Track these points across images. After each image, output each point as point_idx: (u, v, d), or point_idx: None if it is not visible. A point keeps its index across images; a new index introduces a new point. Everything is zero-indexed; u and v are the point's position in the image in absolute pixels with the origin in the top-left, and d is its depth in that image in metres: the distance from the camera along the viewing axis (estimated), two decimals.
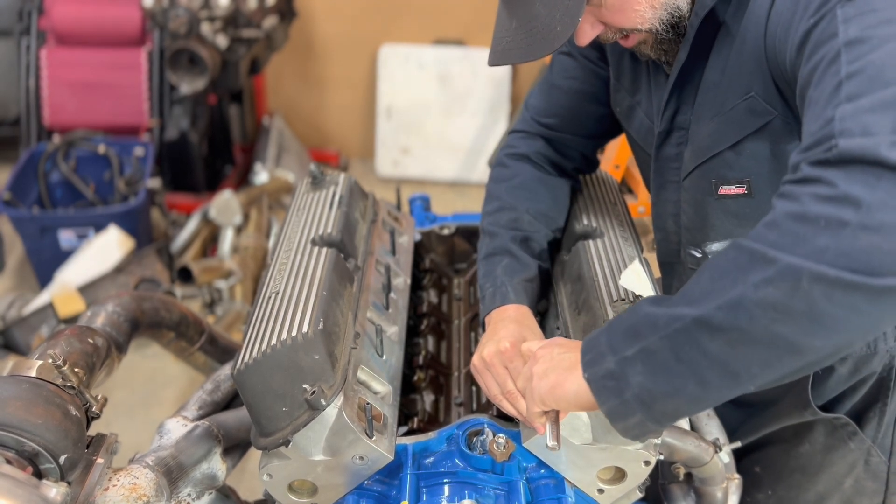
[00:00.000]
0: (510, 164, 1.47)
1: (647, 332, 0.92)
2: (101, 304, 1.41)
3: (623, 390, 0.94)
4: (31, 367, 1.12)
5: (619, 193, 1.56)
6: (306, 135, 4.77)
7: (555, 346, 1.09)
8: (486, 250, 1.39)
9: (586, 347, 1.00)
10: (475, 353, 1.23)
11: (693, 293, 0.90)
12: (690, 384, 0.90)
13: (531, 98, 1.51)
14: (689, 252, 1.32)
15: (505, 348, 1.18)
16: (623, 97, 1.37)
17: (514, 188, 1.43)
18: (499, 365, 1.18)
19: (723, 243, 1.26)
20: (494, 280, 1.32)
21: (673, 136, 1.26)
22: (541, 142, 1.47)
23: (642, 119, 1.33)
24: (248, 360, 1.10)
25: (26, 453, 1.04)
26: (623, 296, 1.20)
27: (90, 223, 3.29)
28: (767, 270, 0.83)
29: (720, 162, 1.19)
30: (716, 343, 0.86)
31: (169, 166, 3.88)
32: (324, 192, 1.49)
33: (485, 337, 1.26)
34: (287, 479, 1.15)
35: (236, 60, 3.70)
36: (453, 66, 4.45)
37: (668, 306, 0.91)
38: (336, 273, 1.26)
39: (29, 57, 3.88)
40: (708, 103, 1.19)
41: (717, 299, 0.86)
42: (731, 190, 1.20)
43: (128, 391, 2.98)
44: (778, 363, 0.86)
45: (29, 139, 3.90)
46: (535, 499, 1.16)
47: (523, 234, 1.37)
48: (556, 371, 1.03)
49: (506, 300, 1.29)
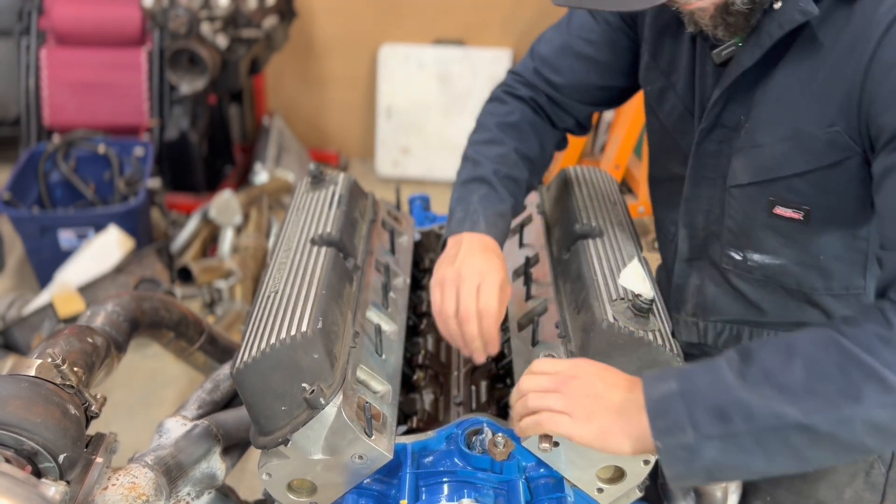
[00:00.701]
0: (508, 101, 1.42)
1: (737, 420, 0.92)
2: (101, 304, 1.42)
3: (693, 461, 0.94)
4: (30, 366, 1.12)
5: (619, 193, 1.56)
6: (306, 135, 4.77)
7: (592, 373, 1.02)
8: (466, 176, 1.34)
9: (658, 411, 0.96)
10: (437, 269, 1.22)
11: (789, 386, 0.90)
12: (759, 462, 0.93)
13: (541, 45, 1.42)
14: (728, 253, 1.28)
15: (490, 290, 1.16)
16: (656, 76, 1.30)
17: (507, 126, 1.38)
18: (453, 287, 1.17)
19: (765, 256, 1.24)
20: (468, 206, 1.28)
21: (716, 133, 1.21)
22: (542, 97, 1.41)
23: (675, 104, 1.28)
24: (247, 360, 1.10)
25: (25, 452, 1.04)
26: (622, 295, 1.20)
27: (90, 223, 3.29)
28: (885, 396, 0.87)
29: (783, 185, 1.15)
30: (803, 441, 0.90)
31: (169, 166, 3.88)
32: (323, 191, 1.49)
33: (446, 256, 1.23)
34: (286, 478, 1.15)
35: (236, 60, 3.70)
36: (453, 66, 4.45)
37: (764, 397, 0.91)
38: (335, 272, 1.26)
39: (29, 57, 3.88)
40: (775, 119, 1.12)
41: (825, 410, 0.89)
42: (788, 213, 1.16)
43: (128, 391, 2.98)
44: (846, 459, 0.95)
45: (29, 139, 3.90)
46: (534, 498, 1.16)
47: (507, 170, 1.33)
48: (606, 415, 0.99)
49: (475, 227, 1.25)
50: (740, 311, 1.33)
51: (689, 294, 1.38)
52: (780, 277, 1.26)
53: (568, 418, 1.01)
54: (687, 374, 0.98)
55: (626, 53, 1.36)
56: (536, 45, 1.43)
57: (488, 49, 4.40)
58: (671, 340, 1.16)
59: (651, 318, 1.17)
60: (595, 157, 4.47)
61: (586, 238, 1.37)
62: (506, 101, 1.42)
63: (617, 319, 1.14)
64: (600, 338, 1.12)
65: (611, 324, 1.13)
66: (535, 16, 4.25)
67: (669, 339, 1.16)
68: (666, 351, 1.13)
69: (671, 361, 1.13)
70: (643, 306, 1.15)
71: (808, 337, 0.95)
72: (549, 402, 1.03)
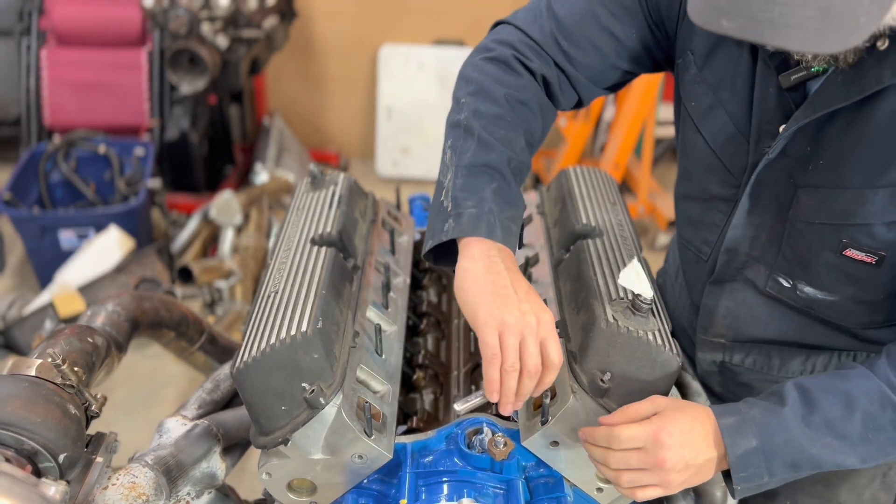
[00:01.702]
0: (520, 72, 1.23)
1: (806, 468, 1.07)
2: (102, 304, 1.42)
3: (760, 489, 1.09)
4: (30, 366, 1.12)
5: (619, 193, 1.56)
6: (306, 135, 4.77)
7: (679, 444, 1.05)
8: (474, 158, 1.14)
9: (741, 466, 1.06)
10: (480, 294, 1.05)
11: (850, 437, 1.05)
12: (810, 471, 1.09)
13: (559, 6, 1.24)
14: (776, 278, 1.22)
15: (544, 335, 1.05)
16: (703, 91, 1.20)
17: (518, 102, 1.20)
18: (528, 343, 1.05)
19: (819, 292, 1.19)
20: (481, 202, 1.10)
21: (778, 162, 1.13)
22: (552, 70, 1.24)
23: (725, 123, 1.18)
24: (247, 359, 1.10)
25: (25, 452, 1.04)
26: (622, 295, 1.20)
27: (90, 223, 3.29)
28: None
29: (863, 230, 1.09)
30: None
31: (169, 166, 3.88)
32: (323, 191, 1.49)
33: (482, 278, 1.05)
34: (286, 478, 1.15)
35: (236, 60, 3.70)
36: (453, 66, 4.43)
37: (828, 448, 1.05)
38: (335, 272, 1.26)
39: (29, 57, 3.88)
40: (867, 162, 1.05)
41: (878, 457, 1.07)
42: (859, 256, 1.11)
43: (128, 391, 2.98)
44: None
45: (29, 139, 3.91)
46: (534, 497, 1.16)
47: (518, 160, 1.17)
48: (696, 477, 1.08)
49: (493, 233, 1.09)
50: (773, 335, 1.30)
51: (719, 316, 1.33)
52: (827, 311, 1.22)
53: (661, 490, 1.09)
54: (763, 428, 1.06)
55: (647, 41, 1.24)
56: (554, 2, 1.25)
57: None
58: (671, 340, 1.16)
59: (651, 318, 1.17)
60: (595, 157, 4.47)
61: (586, 238, 1.37)
62: (517, 71, 1.23)
63: (617, 319, 1.14)
64: (600, 338, 1.12)
65: (610, 324, 1.13)
66: None
67: (669, 339, 1.16)
68: (666, 351, 1.13)
69: (671, 361, 1.13)
70: (643, 306, 1.15)
71: (865, 390, 1.06)
72: (643, 480, 1.08)
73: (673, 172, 1.43)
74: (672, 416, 1.06)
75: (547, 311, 1.07)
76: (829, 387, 1.08)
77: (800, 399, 1.07)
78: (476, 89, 1.21)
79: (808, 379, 1.11)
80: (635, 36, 1.23)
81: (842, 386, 1.07)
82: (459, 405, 1.14)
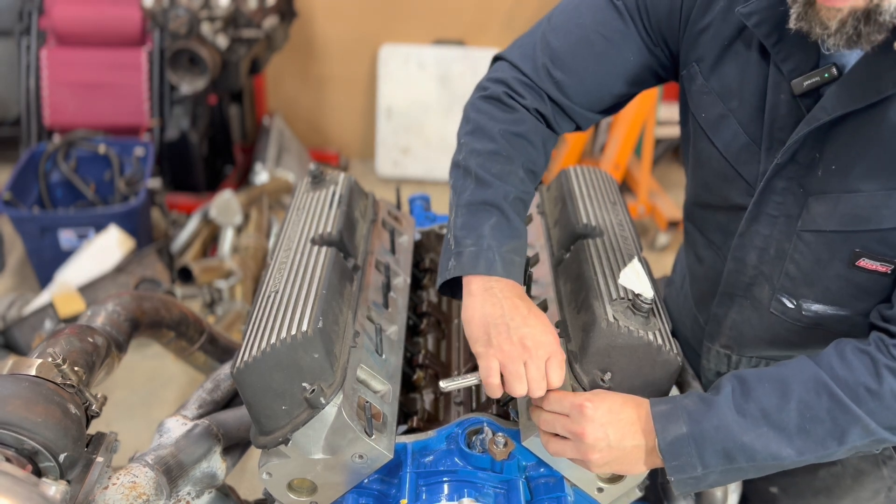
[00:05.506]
0: (515, 108, 1.24)
1: (741, 459, 1.05)
2: (102, 304, 1.42)
3: (700, 483, 1.08)
4: (30, 365, 1.12)
5: (619, 193, 1.56)
6: (306, 135, 4.77)
7: (604, 422, 1.07)
8: (472, 197, 1.17)
9: (671, 453, 1.06)
10: (479, 330, 1.10)
11: (785, 427, 1.03)
12: (752, 474, 1.08)
13: (552, 37, 1.24)
14: (779, 298, 1.20)
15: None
16: (712, 101, 1.18)
17: (514, 136, 1.21)
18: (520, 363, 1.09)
19: (827, 307, 1.16)
20: (479, 239, 1.13)
21: (787, 169, 1.11)
22: (547, 104, 1.25)
23: (737, 132, 1.16)
24: (247, 359, 1.10)
25: (26, 451, 1.04)
26: (622, 295, 1.20)
27: (90, 223, 3.29)
28: (866, 437, 1.02)
29: (877, 237, 1.06)
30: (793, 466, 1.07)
31: (169, 166, 3.88)
32: (323, 191, 1.49)
33: (483, 311, 1.09)
34: (286, 478, 1.15)
35: (236, 60, 3.70)
36: (453, 66, 4.45)
37: (762, 437, 1.03)
38: (336, 272, 1.26)
39: (29, 57, 3.88)
40: (879, 164, 1.03)
41: (815, 450, 1.04)
42: (874, 266, 1.08)
43: (128, 391, 2.98)
44: None
45: (29, 139, 3.91)
46: (534, 497, 1.16)
47: (516, 192, 1.19)
48: (619, 464, 1.10)
49: (492, 269, 1.12)
50: (778, 349, 1.28)
51: (726, 327, 1.32)
52: (835, 325, 1.19)
53: (583, 466, 1.11)
54: (694, 415, 1.06)
55: (647, 61, 1.24)
56: (548, 33, 1.25)
57: (488, 49, 4.40)
58: (671, 340, 1.16)
59: (651, 318, 1.17)
60: (595, 157, 4.47)
61: (586, 238, 1.37)
62: (512, 107, 1.24)
63: (617, 319, 1.14)
64: (600, 337, 1.12)
65: (611, 323, 1.13)
66: (535, 16, 4.25)
67: (669, 339, 1.16)
68: (666, 350, 1.13)
69: (671, 361, 1.13)
70: (643, 306, 1.15)
71: (801, 377, 1.05)
72: (566, 451, 1.10)
73: (673, 172, 1.44)
74: (605, 395, 1.10)
75: (548, 333, 1.10)
76: (766, 375, 1.07)
77: (736, 387, 1.07)
78: (473, 128, 1.24)
79: (749, 370, 1.11)
80: (633, 58, 1.23)
81: (778, 374, 1.07)
82: (445, 383, 1.15)
